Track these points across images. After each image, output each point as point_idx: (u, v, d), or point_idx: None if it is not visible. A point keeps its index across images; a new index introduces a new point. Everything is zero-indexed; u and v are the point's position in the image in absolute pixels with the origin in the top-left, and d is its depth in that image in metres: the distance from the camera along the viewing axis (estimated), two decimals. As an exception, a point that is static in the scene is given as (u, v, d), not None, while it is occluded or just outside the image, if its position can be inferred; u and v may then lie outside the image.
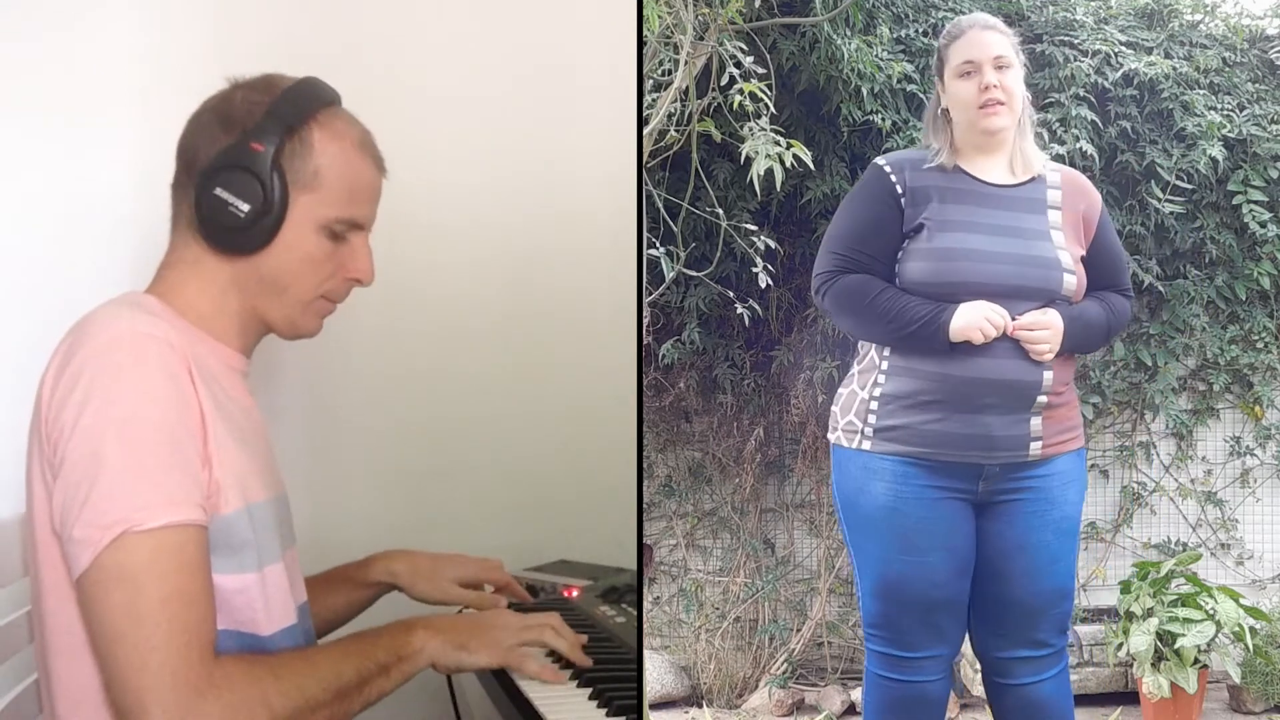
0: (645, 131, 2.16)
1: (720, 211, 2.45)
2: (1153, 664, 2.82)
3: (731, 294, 2.58)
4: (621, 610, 1.69)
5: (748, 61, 2.19)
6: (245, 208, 1.27)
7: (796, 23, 2.60)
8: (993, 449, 1.81)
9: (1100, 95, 3.12)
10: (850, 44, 2.74)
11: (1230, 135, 3.11)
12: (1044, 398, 1.81)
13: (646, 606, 3.37)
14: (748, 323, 2.61)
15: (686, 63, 2.17)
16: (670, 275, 2.35)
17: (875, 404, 1.85)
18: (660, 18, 2.14)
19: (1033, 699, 1.92)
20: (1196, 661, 2.80)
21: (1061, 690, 1.94)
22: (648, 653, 3.25)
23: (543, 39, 2.04)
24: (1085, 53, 3.12)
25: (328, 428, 1.93)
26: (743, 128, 2.18)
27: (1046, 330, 1.79)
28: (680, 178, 2.60)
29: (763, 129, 2.16)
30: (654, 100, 2.22)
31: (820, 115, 2.97)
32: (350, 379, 1.95)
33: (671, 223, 2.45)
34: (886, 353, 1.86)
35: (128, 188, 1.78)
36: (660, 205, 2.48)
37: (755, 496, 3.33)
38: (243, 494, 1.25)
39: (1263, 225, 3.11)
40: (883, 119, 2.87)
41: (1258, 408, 3.32)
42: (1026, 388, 1.80)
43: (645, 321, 2.45)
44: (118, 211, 1.77)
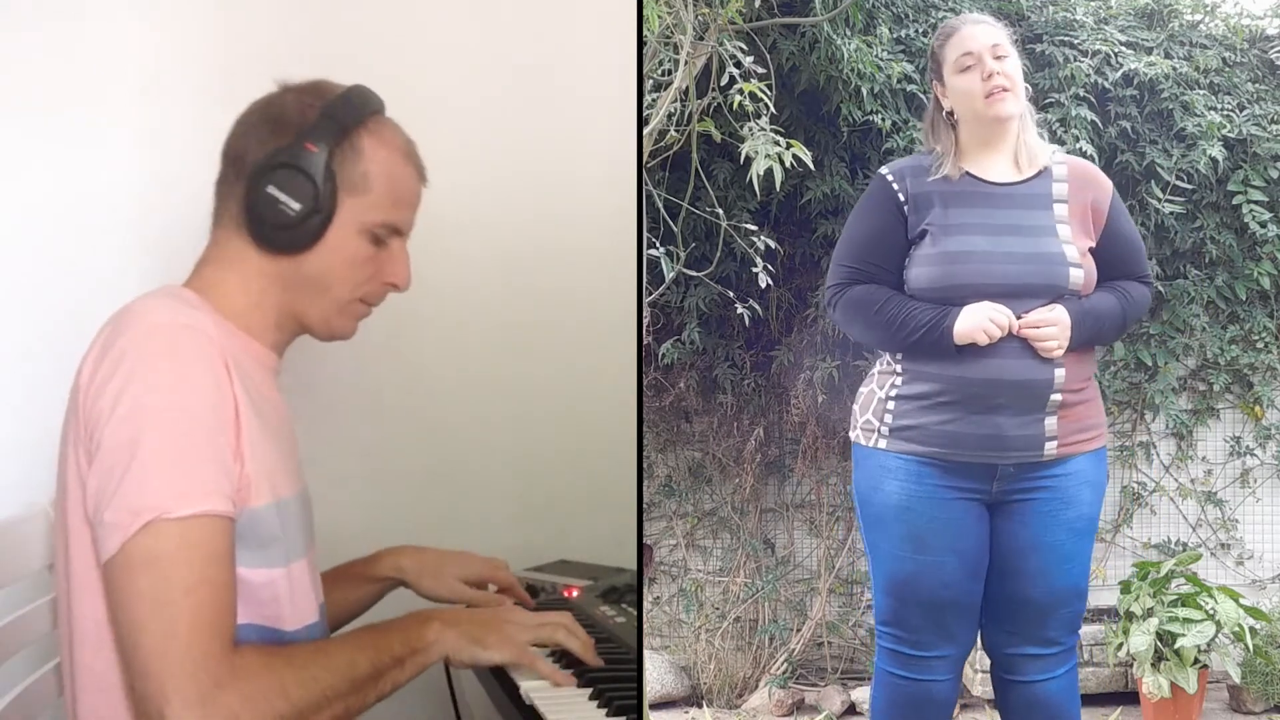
0: (645, 131, 2.16)
1: (720, 211, 2.45)
2: (1153, 664, 2.82)
3: (731, 294, 2.58)
4: (621, 610, 1.69)
5: (748, 61, 2.19)
6: (296, 206, 1.30)
7: (796, 23, 2.60)
8: (1006, 449, 1.81)
9: (1100, 95, 3.12)
10: (850, 44, 2.74)
11: (1230, 135, 3.11)
12: (1058, 396, 1.81)
13: (646, 606, 3.37)
14: (748, 323, 2.61)
15: (686, 63, 2.17)
16: (670, 275, 2.35)
17: (892, 404, 1.87)
18: (660, 18, 2.14)
19: (1039, 697, 1.92)
20: (1196, 661, 2.80)
21: (1069, 689, 1.94)
22: (648, 653, 3.25)
23: (542, 39, 2.04)
24: (1085, 53, 3.12)
25: (327, 428, 1.93)
26: (743, 128, 2.18)
27: (1053, 327, 1.79)
28: (680, 178, 2.60)
29: (763, 129, 2.16)
30: (654, 100, 2.22)
31: (820, 115, 2.97)
32: (350, 379, 1.95)
33: (671, 223, 2.45)
34: (900, 356, 1.89)
35: (128, 187, 1.78)
36: (660, 205, 2.48)
37: (755, 496, 3.33)
38: (273, 489, 1.27)
39: (1263, 225, 3.11)
40: (883, 119, 2.87)
41: (1258, 408, 3.32)
42: (1038, 386, 1.80)
43: (645, 321, 2.45)
44: (117, 211, 1.78)
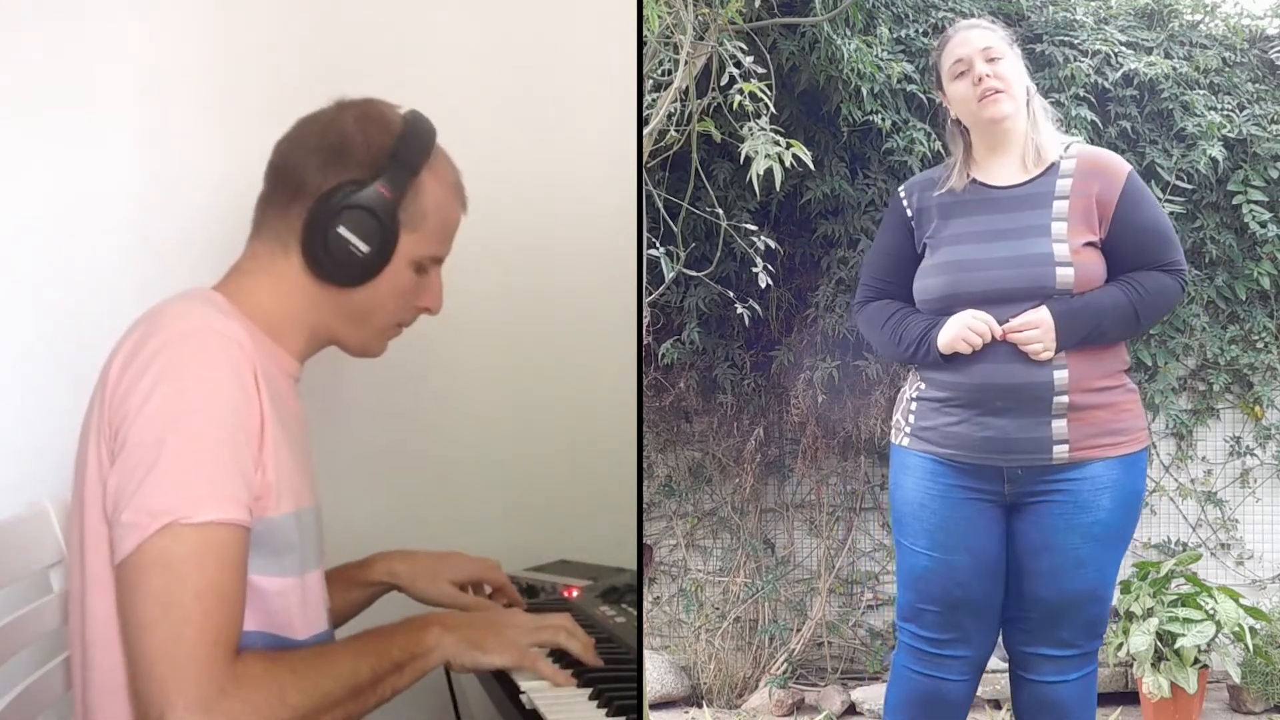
0: (645, 131, 2.16)
1: (720, 211, 2.45)
2: (1153, 664, 2.82)
3: (731, 294, 2.58)
4: (621, 610, 1.69)
5: (748, 61, 2.19)
6: (365, 249, 1.31)
7: (796, 23, 2.60)
8: (1010, 452, 1.81)
9: (1100, 95, 3.12)
10: (850, 44, 2.74)
11: (1230, 135, 3.11)
12: (1065, 398, 1.79)
13: (646, 606, 3.37)
14: (748, 323, 2.61)
15: (686, 63, 2.16)
16: (670, 275, 2.35)
17: (914, 405, 1.93)
18: (660, 18, 2.13)
19: (1051, 698, 1.91)
20: (1196, 661, 2.80)
21: (1083, 695, 1.93)
22: (648, 653, 3.25)
23: (542, 39, 2.05)
24: (1085, 53, 3.12)
25: (326, 428, 1.92)
26: (743, 128, 2.18)
27: (1035, 330, 1.78)
28: (680, 178, 2.60)
29: (762, 129, 2.16)
30: (654, 100, 2.22)
31: (820, 115, 2.97)
32: (349, 379, 1.95)
33: (671, 223, 2.45)
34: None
35: (128, 188, 1.78)
36: (660, 205, 2.48)
37: (755, 496, 3.33)
38: (294, 498, 1.27)
39: (1263, 225, 3.11)
40: (883, 119, 2.87)
41: (1258, 408, 3.32)
42: (1037, 389, 1.79)
43: (645, 321, 2.45)
44: (117, 212, 1.77)
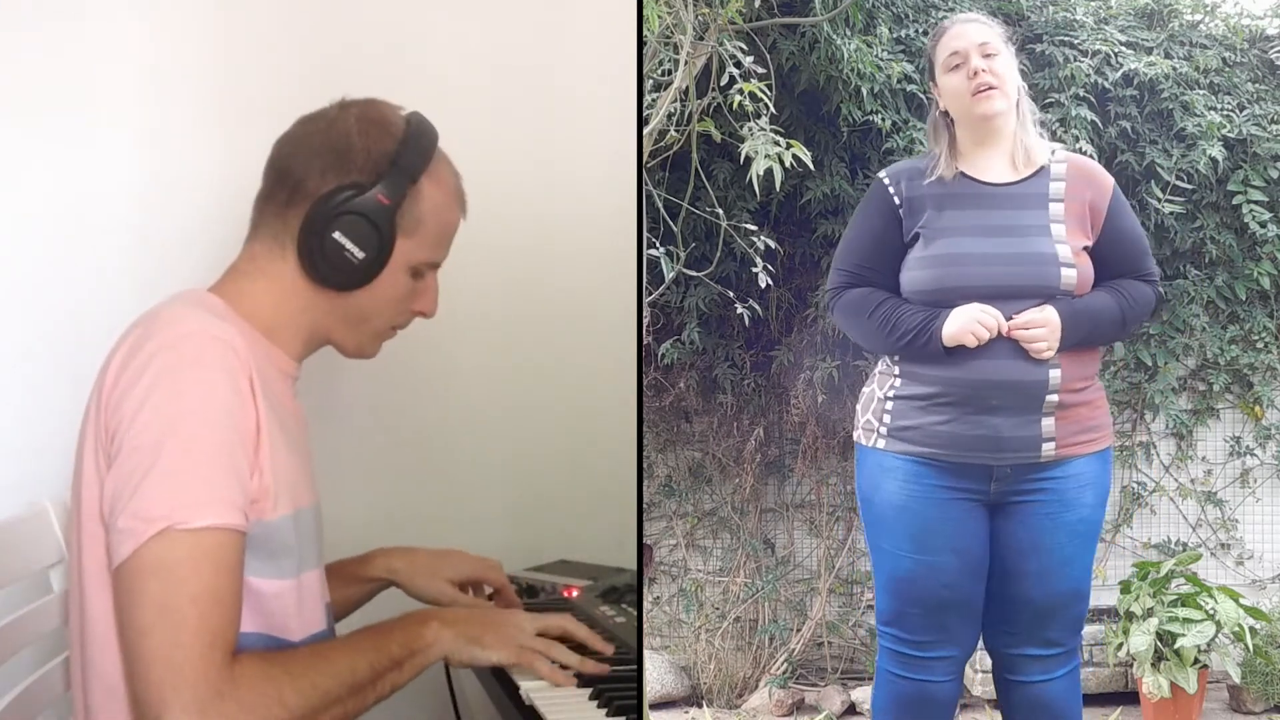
0: (645, 131, 2.16)
1: (720, 211, 2.45)
2: (1153, 664, 2.82)
3: (731, 294, 2.58)
4: (621, 610, 1.69)
5: (748, 61, 2.19)
6: (361, 255, 1.31)
7: (796, 23, 2.60)
8: (1001, 450, 1.81)
9: (1100, 95, 3.12)
10: (850, 44, 2.74)
11: (1230, 135, 3.11)
12: (1055, 397, 1.80)
13: (646, 606, 3.37)
14: (748, 323, 2.61)
15: (686, 63, 2.17)
16: (670, 275, 2.35)
17: (890, 404, 1.87)
18: (660, 18, 2.14)
19: (1041, 697, 1.92)
20: (1196, 661, 2.80)
21: (1070, 690, 1.93)
22: (648, 653, 3.25)
23: (542, 39, 2.04)
24: (1085, 53, 3.12)
25: (325, 427, 1.92)
26: (743, 128, 2.18)
27: (1042, 328, 1.78)
28: (680, 178, 2.60)
29: (762, 129, 2.16)
30: (654, 100, 2.22)
31: (820, 115, 2.97)
32: (349, 378, 1.95)
33: (671, 223, 2.45)
34: (896, 358, 1.89)
35: (128, 188, 1.78)
36: (660, 205, 2.48)
37: (755, 496, 3.33)
38: (291, 500, 1.27)
39: (1263, 225, 3.11)
40: (882, 119, 2.87)
41: (1258, 408, 3.32)
42: (1032, 387, 1.79)
43: (645, 321, 2.45)
44: (117, 212, 1.77)
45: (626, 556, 1.99)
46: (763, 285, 2.38)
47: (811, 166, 2.26)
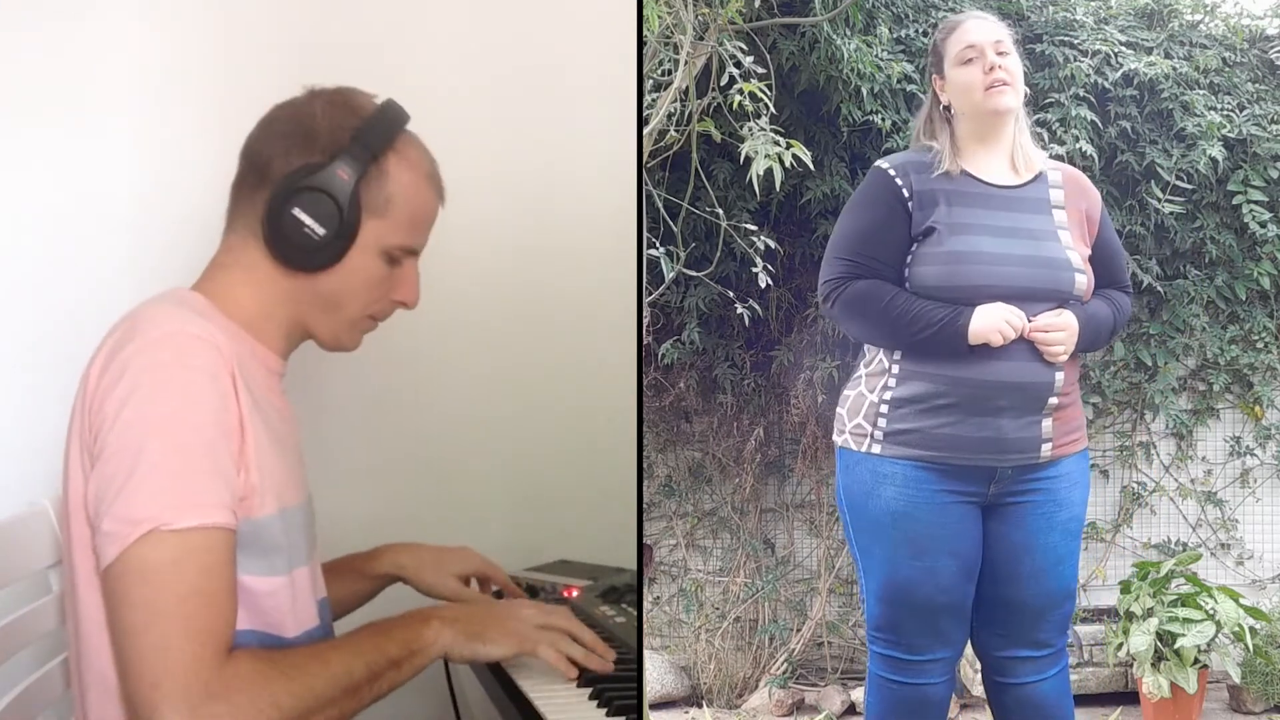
0: (645, 131, 2.16)
1: (720, 211, 2.45)
2: (1153, 664, 2.82)
3: (731, 294, 2.58)
4: (621, 610, 1.69)
5: (748, 61, 2.19)
6: (321, 231, 1.30)
7: (796, 23, 2.60)
8: (1005, 451, 1.80)
9: (1100, 95, 3.12)
10: (850, 44, 2.74)
11: (1230, 135, 3.11)
12: (1054, 399, 1.81)
13: (646, 606, 3.37)
14: (748, 323, 2.61)
15: (686, 63, 2.17)
16: (670, 275, 2.35)
17: (885, 407, 1.83)
18: (660, 18, 2.14)
19: (1033, 698, 1.92)
20: (1196, 661, 2.80)
21: (1061, 689, 1.94)
22: (648, 653, 3.25)
23: (542, 38, 2.04)
24: (1085, 53, 3.12)
25: (326, 427, 1.93)
26: (743, 128, 2.18)
27: (1062, 332, 1.78)
28: (680, 178, 2.60)
29: (762, 129, 2.16)
30: (654, 100, 2.22)
31: (820, 115, 2.97)
32: (348, 378, 1.95)
33: (671, 223, 2.45)
34: (897, 356, 1.84)
35: (128, 188, 1.78)
36: (660, 205, 2.48)
37: (755, 496, 3.33)
38: (278, 498, 1.27)
39: (1263, 225, 3.11)
40: (883, 119, 2.87)
41: (1258, 408, 3.32)
42: (1039, 389, 1.79)
43: (645, 321, 2.45)
44: (117, 212, 1.77)
45: (626, 556, 1.99)
46: (763, 285, 2.38)
47: (811, 166, 2.26)
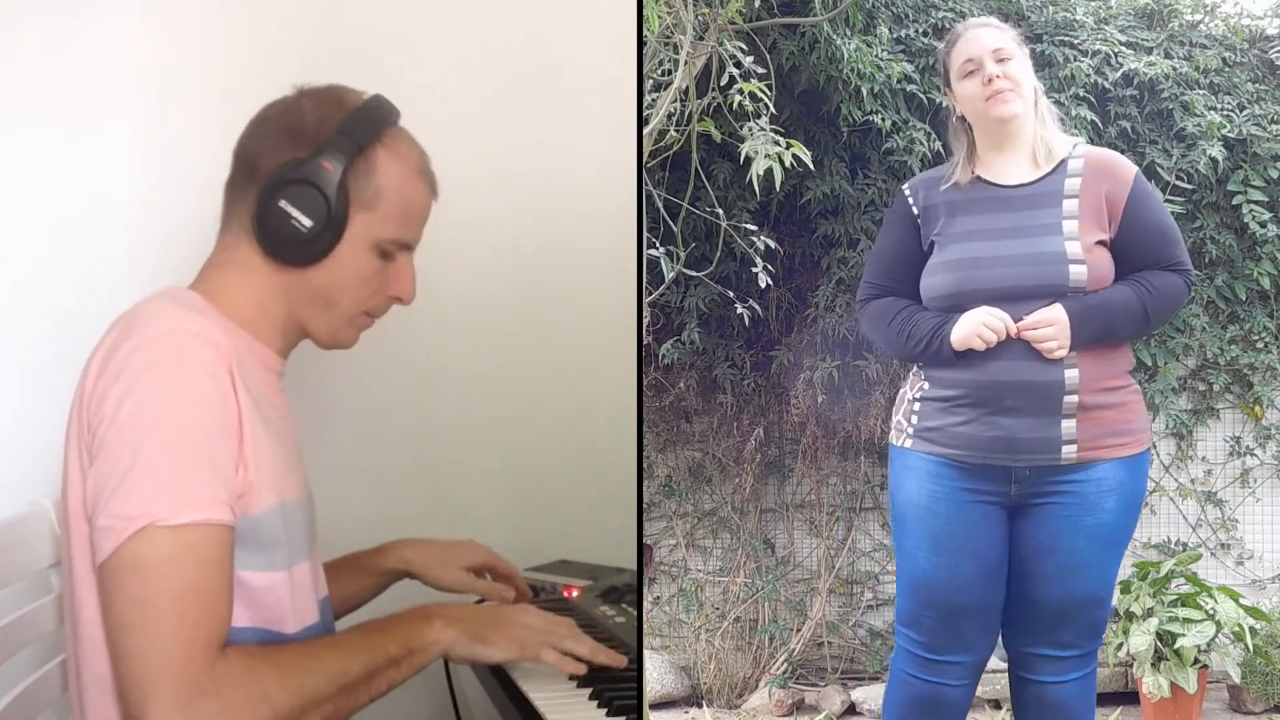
0: (645, 131, 2.16)
1: (720, 211, 2.45)
2: (1153, 664, 2.82)
3: (731, 294, 2.58)
4: (621, 610, 1.69)
5: (748, 61, 2.19)
6: (308, 223, 1.30)
7: (796, 23, 2.60)
8: (1019, 451, 1.80)
9: (1100, 95, 3.12)
10: (850, 44, 2.74)
11: (1230, 135, 3.11)
12: (1074, 398, 1.79)
13: (646, 606, 3.37)
14: (748, 323, 2.61)
15: (686, 63, 2.16)
16: (670, 275, 2.35)
17: (917, 405, 1.90)
18: (660, 18, 2.13)
19: (1051, 699, 1.91)
20: (1196, 661, 2.80)
21: (1083, 696, 1.93)
22: (648, 653, 3.25)
23: (542, 39, 2.04)
24: (1085, 53, 3.12)
25: (326, 427, 1.93)
26: (743, 128, 2.18)
27: (1050, 327, 1.78)
28: (680, 178, 2.60)
29: (762, 129, 2.15)
30: (654, 100, 2.22)
31: (820, 115, 2.97)
32: (348, 378, 1.95)
33: (671, 223, 2.45)
34: (920, 363, 1.93)
35: (128, 188, 1.78)
36: (660, 205, 2.48)
37: (755, 496, 3.33)
38: (276, 493, 1.27)
39: (1263, 225, 3.11)
40: (883, 119, 2.87)
41: (1258, 408, 3.32)
42: (1048, 388, 1.79)
43: (645, 321, 2.45)
44: (117, 212, 1.77)
45: (626, 556, 1.99)
46: (763, 285, 2.38)
47: (811, 166, 2.26)
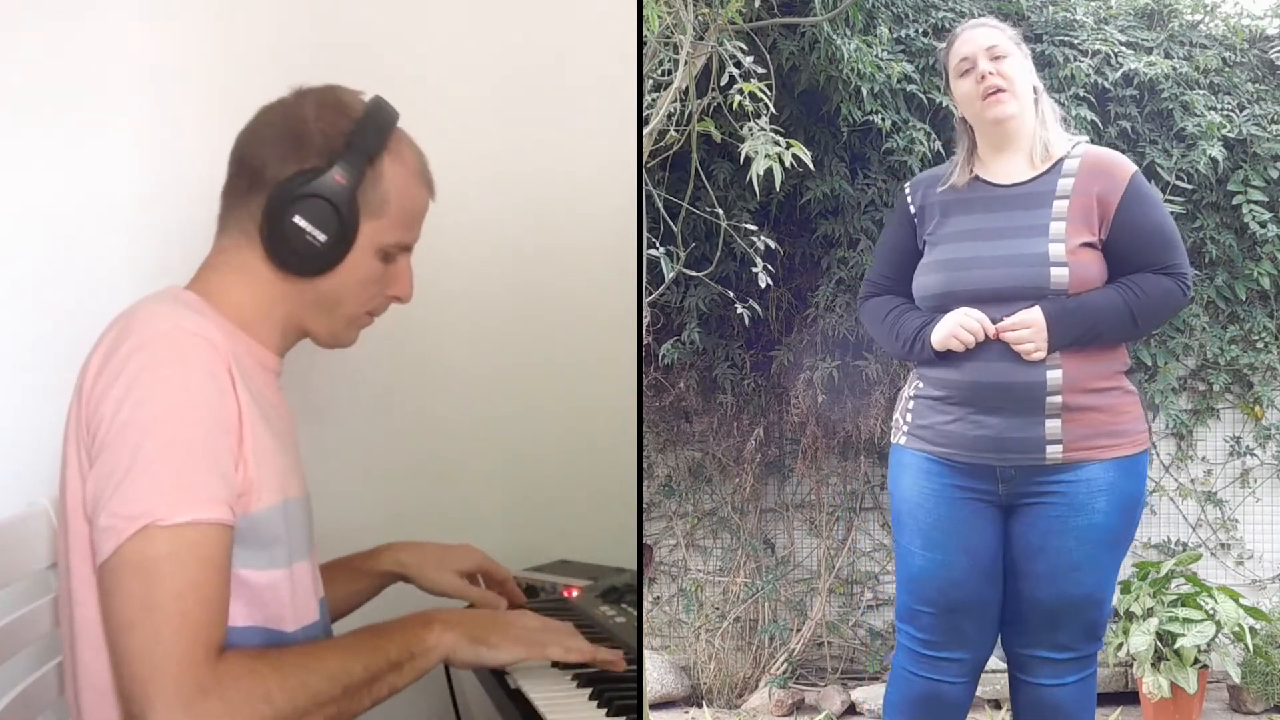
0: (645, 131, 2.16)
1: (720, 211, 2.45)
2: (1153, 664, 2.82)
3: (731, 294, 2.58)
4: (621, 610, 1.69)
5: (748, 61, 2.19)
6: (323, 238, 1.30)
7: (796, 23, 2.60)
8: (1004, 450, 1.81)
9: (1100, 95, 3.12)
10: (850, 44, 2.74)
11: (1230, 135, 3.11)
12: (1058, 399, 1.79)
13: (646, 606, 3.37)
14: (748, 323, 2.61)
15: (686, 63, 2.16)
16: (670, 275, 2.35)
17: (912, 403, 1.93)
18: (660, 18, 2.13)
19: (1049, 701, 1.91)
20: (1196, 661, 2.80)
21: (1082, 698, 1.92)
22: (648, 653, 3.25)
23: (542, 39, 2.04)
24: (1085, 53, 3.12)
25: (325, 427, 1.93)
26: (742, 128, 2.18)
27: (1026, 330, 1.78)
28: (680, 178, 2.60)
29: (762, 129, 2.15)
30: (654, 100, 2.22)
31: (820, 115, 2.97)
32: (348, 378, 1.95)
33: (671, 223, 2.44)
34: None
35: (128, 187, 1.78)
36: (660, 205, 2.47)
37: (755, 496, 3.33)
38: (277, 491, 1.27)
39: (1263, 225, 3.11)
40: (882, 119, 2.87)
41: (1258, 408, 3.32)
42: (1029, 389, 1.79)
43: (645, 321, 2.45)
44: (117, 212, 1.77)
45: (626, 556, 1.99)
46: (763, 285, 2.38)
47: (811, 166, 2.26)
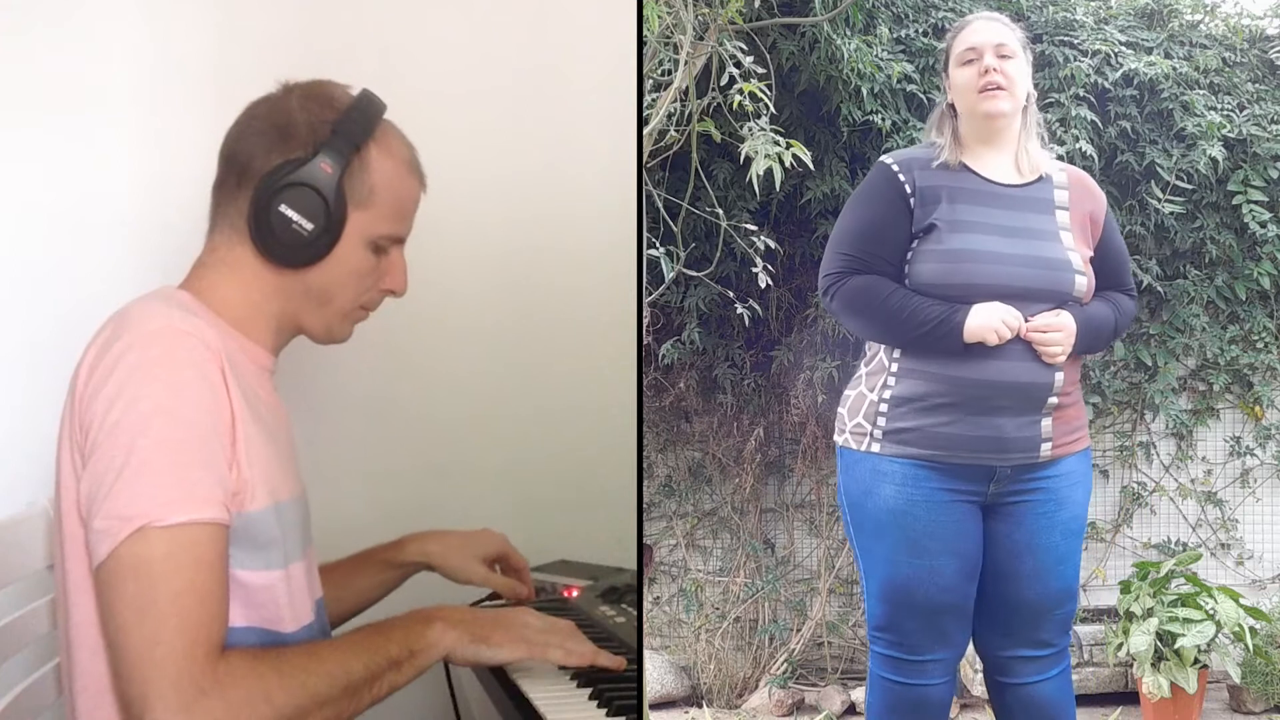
0: (645, 131, 2.16)
1: (720, 211, 2.45)
2: (1153, 664, 2.82)
3: (731, 294, 2.58)
4: (621, 610, 1.69)
5: (748, 61, 2.19)
6: (309, 226, 1.30)
7: (796, 23, 2.60)
8: (1005, 450, 1.80)
9: (1100, 95, 3.12)
10: (850, 44, 2.74)
11: (1230, 135, 3.11)
12: (1054, 399, 1.81)
13: (646, 606, 3.37)
14: (748, 323, 2.61)
15: (686, 63, 2.17)
16: (670, 275, 2.35)
17: (885, 406, 1.83)
18: (660, 18, 2.14)
19: (1034, 698, 1.91)
20: (1196, 661, 2.80)
21: (1063, 690, 1.93)
22: (648, 653, 3.25)
23: (542, 39, 2.04)
24: (1085, 53, 3.13)
25: (325, 427, 1.93)
26: (742, 128, 2.18)
27: (1060, 333, 1.78)
28: (680, 178, 2.60)
29: (762, 129, 2.16)
30: (654, 100, 2.22)
31: (820, 115, 2.97)
32: (348, 378, 1.95)
33: (671, 223, 2.45)
34: (896, 354, 1.84)
35: (127, 187, 1.78)
36: (660, 205, 2.48)
37: (755, 496, 3.33)
38: (271, 492, 1.26)
39: (1263, 225, 3.11)
40: (882, 119, 2.88)
41: (1258, 408, 3.32)
42: (1038, 389, 1.79)
43: (645, 321, 2.45)
44: (116, 211, 1.77)
45: (626, 556, 1.99)
46: (763, 285, 2.38)
47: (811, 166, 2.26)
